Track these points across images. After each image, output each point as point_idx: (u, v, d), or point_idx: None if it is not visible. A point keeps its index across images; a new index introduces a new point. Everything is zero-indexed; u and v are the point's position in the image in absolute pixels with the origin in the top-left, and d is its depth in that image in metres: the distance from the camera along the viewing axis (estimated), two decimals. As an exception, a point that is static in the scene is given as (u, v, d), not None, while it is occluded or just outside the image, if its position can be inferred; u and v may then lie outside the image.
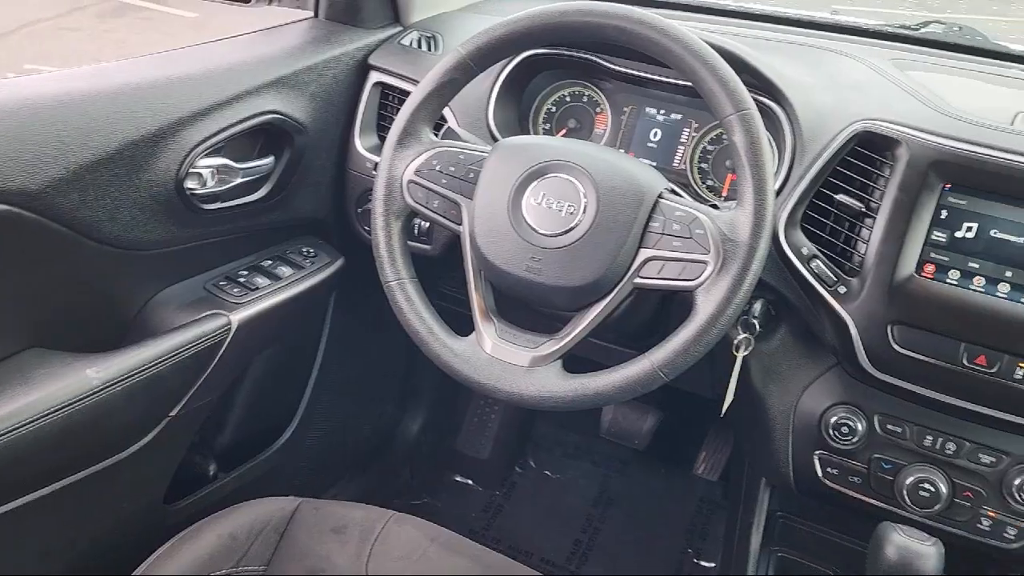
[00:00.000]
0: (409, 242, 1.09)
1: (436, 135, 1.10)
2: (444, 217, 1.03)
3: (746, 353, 1.09)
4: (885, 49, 1.32)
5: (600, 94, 1.31)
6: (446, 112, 1.26)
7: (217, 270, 1.26)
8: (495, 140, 1.20)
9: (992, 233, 0.97)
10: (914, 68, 1.23)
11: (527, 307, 1.06)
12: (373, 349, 1.72)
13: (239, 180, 1.20)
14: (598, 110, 1.31)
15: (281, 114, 1.21)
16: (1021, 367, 0.95)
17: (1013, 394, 0.96)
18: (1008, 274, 0.96)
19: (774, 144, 1.15)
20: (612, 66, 1.25)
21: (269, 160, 1.25)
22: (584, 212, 0.96)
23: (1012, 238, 0.96)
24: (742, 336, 1.10)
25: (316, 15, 1.42)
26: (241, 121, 1.16)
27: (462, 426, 2.00)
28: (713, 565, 1.74)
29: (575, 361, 1.00)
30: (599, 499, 1.93)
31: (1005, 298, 0.96)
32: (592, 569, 1.77)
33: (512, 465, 2.01)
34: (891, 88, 1.13)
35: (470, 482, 1.96)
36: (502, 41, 1.02)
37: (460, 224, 1.02)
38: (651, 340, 0.96)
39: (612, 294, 0.95)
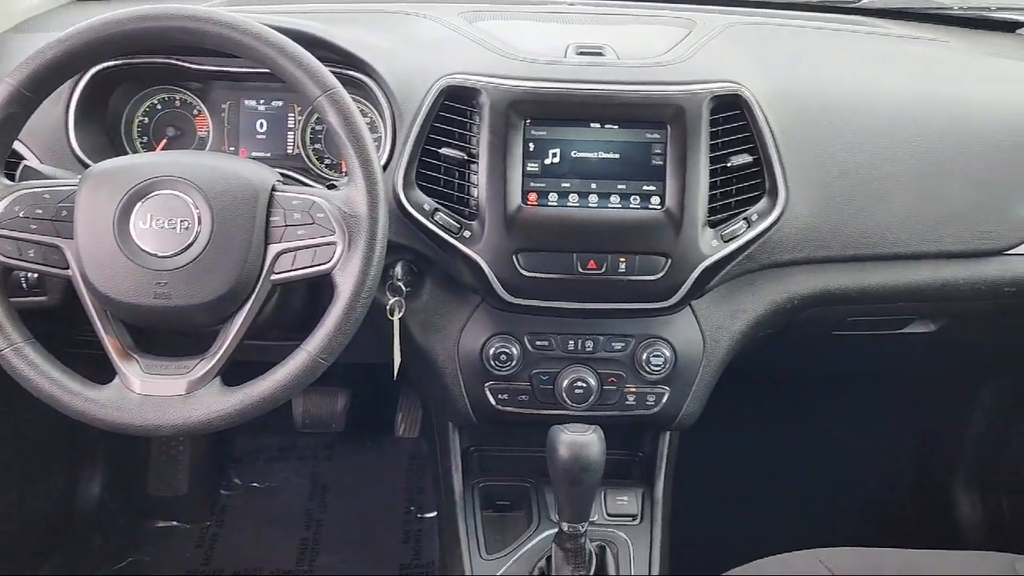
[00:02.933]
0: (17, 299, 0.98)
1: (11, 178, 0.99)
2: (46, 265, 0.94)
3: (401, 315, 1.14)
4: (453, 4, 1.42)
5: (192, 96, 1.26)
6: (20, 149, 1.14)
7: None
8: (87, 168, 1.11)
9: (573, 154, 1.11)
10: (481, 19, 1.33)
11: (173, 333, 1.01)
12: (16, 423, 1.53)
13: None
14: (195, 112, 1.26)
15: None
16: (622, 261, 1.11)
17: (620, 285, 1.12)
18: (593, 186, 1.11)
19: (375, 112, 1.20)
20: (195, 66, 1.20)
21: None
22: (200, 224, 0.93)
23: (588, 155, 1.11)
24: (393, 300, 1.15)
25: None
26: None
27: (150, 468, 1.86)
28: (434, 514, 1.82)
29: (245, 369, 0.98)
30: (314, 492, 1.92)
31: (596, 207, 1.11)
32: (325, 560, 1.77)
33: (216, 489, 1.92)
34: (463, 41, 1.22)
35: (175, 523, 1.84)
36: (57, 62, 0.93)
37: (67, 268, 0.94)
38: (314, 326, 0.97)
39: (252, 297, 0.95)
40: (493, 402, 1.20)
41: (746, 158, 1.12)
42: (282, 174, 1.07)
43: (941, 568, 1.04)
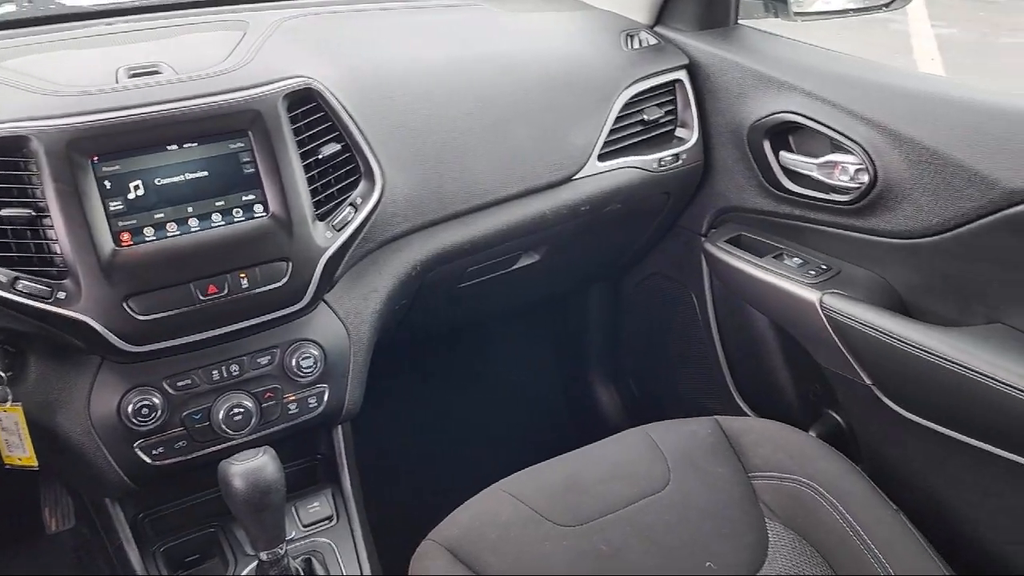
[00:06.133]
0: None
1: None
2: None
3: (9, 404, 1.01)
4: None
5: None
6: None
7: None
8: None
9: (158, 182, 1.04)
10: (6, 57, 1.18)
11: None
12: None
13: None
14: None
15: None
16: (243, 277, 1.08)
17: (249, 301, 1.09)
18: (190, 209, 1.06)
19: None
20: None
21: None
22: None
23: (175, 179, 1.05)
24: (-6, 391, 1.01)
25: None
26: None
27: None
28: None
29: None
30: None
31: (199, 230, 1.06)
32: None
33: None
34: (-8, 86, 1.08)
35: None
36: None
37: None
38: None
39: None
40: (148, 460, 1.11)
41: (335, 147, 1.14)
42: None
43: (596, 459, 1.20)
